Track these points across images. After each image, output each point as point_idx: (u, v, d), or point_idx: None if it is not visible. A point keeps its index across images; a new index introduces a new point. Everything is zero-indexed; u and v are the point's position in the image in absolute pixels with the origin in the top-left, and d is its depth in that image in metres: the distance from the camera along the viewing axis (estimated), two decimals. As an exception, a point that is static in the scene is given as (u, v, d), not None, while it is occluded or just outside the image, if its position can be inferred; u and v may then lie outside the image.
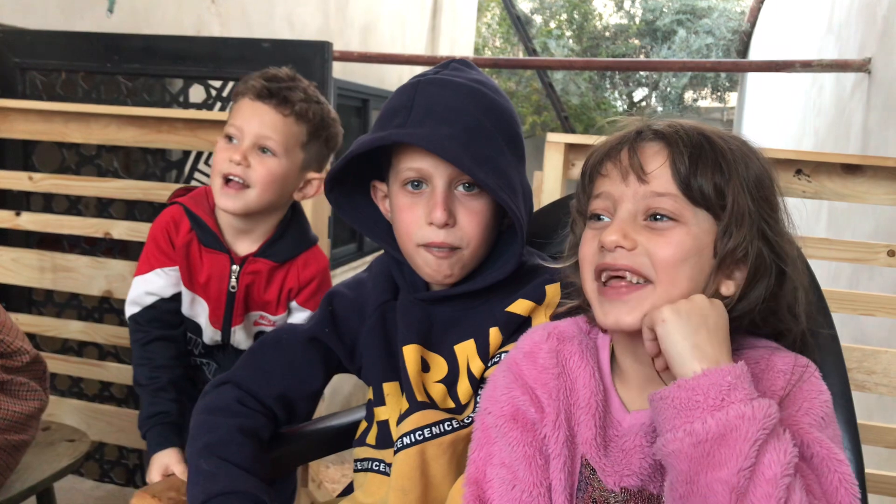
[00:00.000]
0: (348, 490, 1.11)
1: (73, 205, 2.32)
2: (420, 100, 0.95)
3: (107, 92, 2.29)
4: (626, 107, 15.33)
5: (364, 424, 1.08)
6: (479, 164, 0.92)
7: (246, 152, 1.31)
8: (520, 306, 0.99)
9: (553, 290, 0.99)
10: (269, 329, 1.44)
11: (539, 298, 0.99)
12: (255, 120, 1.32)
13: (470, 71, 1.01)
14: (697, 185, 0.77)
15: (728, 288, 0.79)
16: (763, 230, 0.78)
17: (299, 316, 1.42)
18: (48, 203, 2.31)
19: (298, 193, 1.41)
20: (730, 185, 0.77)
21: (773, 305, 0.80)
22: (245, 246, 1.41)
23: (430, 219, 0.95)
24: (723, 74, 14.31)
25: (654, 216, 0.78)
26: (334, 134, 1.43)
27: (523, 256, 1.00)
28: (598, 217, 0.82)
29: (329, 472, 3.25)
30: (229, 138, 1.34)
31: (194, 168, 2.22)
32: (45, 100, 2.27)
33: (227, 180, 1.33)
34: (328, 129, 1.41)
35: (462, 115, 0.94)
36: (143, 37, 2.39)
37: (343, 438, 1.15)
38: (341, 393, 4.52)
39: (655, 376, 0.80)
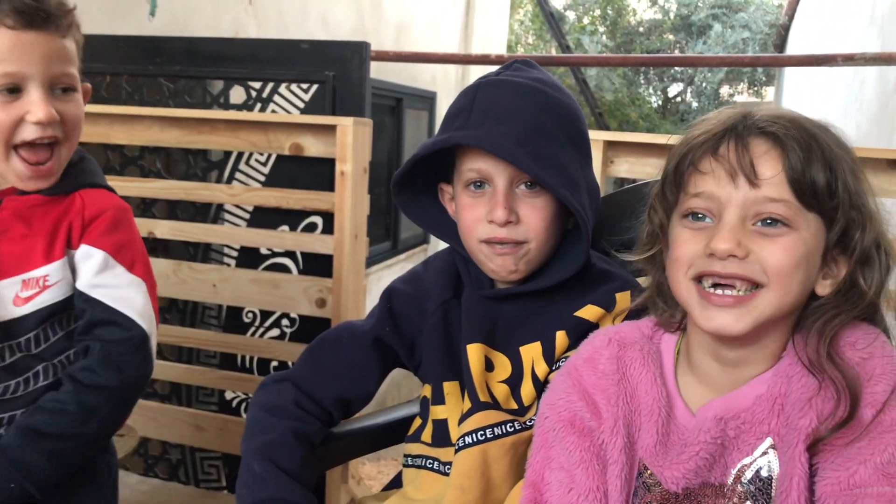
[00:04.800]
0: (394, 484, 1.12)
1: (118, 205, 2.36)
2: (480, 101, 0.96)
3: (149, 94, 2.33)
4: (660, 102, 15.19)
5: (418, 421, 1.09)
6: (539, 162, 0.91)
7: (49, 102, 1.01)
8: (589, 312, 0.98)
9: (623, 299, 0.98)
10: (43, 299, 1.05)
11: (609, 306, 0.98)
12: (37, 56, 0.99)
13: (531, 70, 1.01)
14: (810, 188, 0.74)
15: (824, 288, 0.78)
16: (879, 228, 0.77)
17: (89, 265, 1.06)
18: (93, 203, 2.35)
19: None
20: (839, 181, 0.75)
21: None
22: None
23: (491, 217, 0.95)
24: (759, 69, 14.09)
25: (765, 221, 0.75)
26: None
27: (591, 259, 0.99)
28: (696, 216, 0.79)
29: (365, 469, 3.27)
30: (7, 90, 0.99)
31: (235, 168, 2.25)
32: (91, 102, 2.31)
33: (28, 145, 1.01)
34: (80, 26, 1.09)
35: (521, 114, 0.94)
36: (185, 39, 2.42)
37: (388, 436, 1.16)
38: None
39: (734, 382, 0.80)
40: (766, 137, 0.76)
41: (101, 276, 1.07)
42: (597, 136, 1.84)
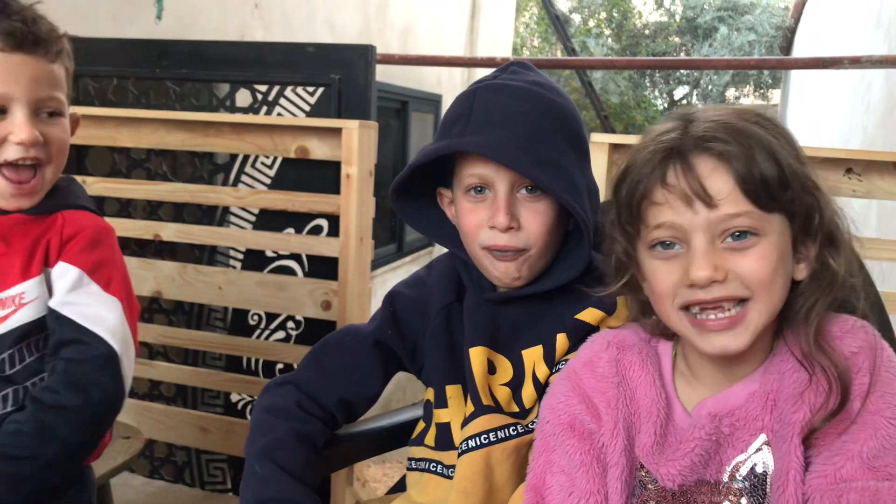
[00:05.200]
0: (398, 487, 1.13)
1: (124, 207, 2.37)
2: (478, 107, 0.96)
3: (156, 97, 2.34)
4: (666, 105, 15.17)
5: (421, 424, 1.09)
6: (540, 167, 0.92)
7: (34, 124, 1.02)
8: (589, 315, 0.98)
9: (625, 301, 0.97)
10: (19, 318, 1.04)
11: (609, 309, 0.98)
12: (24, 78, 1.01)
13: (528, 73, 1.01)
14: (765, 193, 0.74)
15: (801, 272, 0.79)
16: (833, 207, 0.79)
17: (63, 282, 1.05)
18: (100, 206, 2.36)
19: None
20: (787, 171, 0.75)
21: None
22: None
23: (493, 223, 0.95)
24: (765, 72, 14.07)
25: (733, 235, 0.75)
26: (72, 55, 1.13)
27: (593, 261, 0.99)
28: (664, 244, 0.79)
29: (370, 471, 3.27)
30: None
31: (241, 171, 2.25)
32: (98, 105, 2.33)
33: (10, 165, 1.03)
34: (71, 54, 1.11)
35: (520, 118, 0.94)
36: (191, 42, 2.43)
37: (393, 439, 1.17)
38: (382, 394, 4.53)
39: (729, 379, 0.82)
40: (708, 154, 0.75)
41: (73, 294, 1.05)
42: (602, 139, 1.84)
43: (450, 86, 6.10)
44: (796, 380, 0.78)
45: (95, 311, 1.05)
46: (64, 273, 1.05)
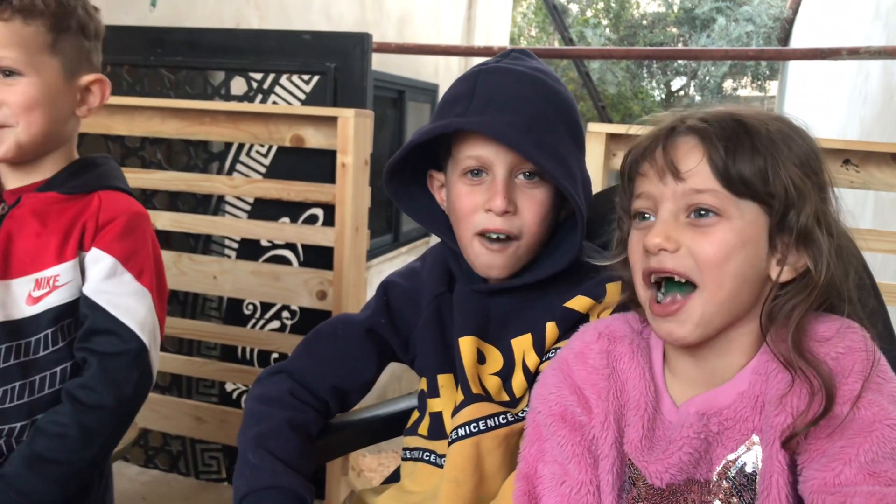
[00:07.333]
0: (393, 477, 1.12)
1: (118, 196, 2.36)
2: (481, 88, 0.95)
3: (150, 85, 2.32)
4: (663, 96, 15.15)
5: (416, 414, 1.08)
6: (541, 152, 0.91)
7: None
8: (578, 302, 0.98)
9: (614, 289, 0.97)
10: (53, 299, 1.04)
11: (598, 296, 0.97)
12: None
13: (530, 60, 1.00)
14: (737, 176, 0.75)
15: (776, 272, 0.78)
16: (818, 209, 0.76)
17: (97, 270, 1.05)
18: (94, 194, 2.35)
19: (82, 108, 1.10)
20: (772, 167, 0.75)
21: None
22: (20, 179, 1.08)
23: (490, 206, 0.94)
24: (763, 63, 14.06)
25: (697, 212, 0.77)
26: (86, 16, 1.11)
27: (584, 250, 0.99)
28: (642, 216, 0.81)
29: (366, 461, 3.28)
30: None
31: (236, 160, 2.24)
32: (91, 93, 2.31)
33: None
34: (75, 14, 1.08)
35: (524, 102, 0.93)
36: (186, 30, 2.42)
37: (388, 428, 1.16)
38: (377, 383, 4.54)
39: (710, 376, 0.81)
40: (692, 134, 0.78)
41: (107, 283, 1.05)
42: (599, 129, 1.84)
43: (447, 75, 6.07)
44: (780, 380, 0.76)
45: (127, 303, 1.05)
46: (98, 260, 1.05)
